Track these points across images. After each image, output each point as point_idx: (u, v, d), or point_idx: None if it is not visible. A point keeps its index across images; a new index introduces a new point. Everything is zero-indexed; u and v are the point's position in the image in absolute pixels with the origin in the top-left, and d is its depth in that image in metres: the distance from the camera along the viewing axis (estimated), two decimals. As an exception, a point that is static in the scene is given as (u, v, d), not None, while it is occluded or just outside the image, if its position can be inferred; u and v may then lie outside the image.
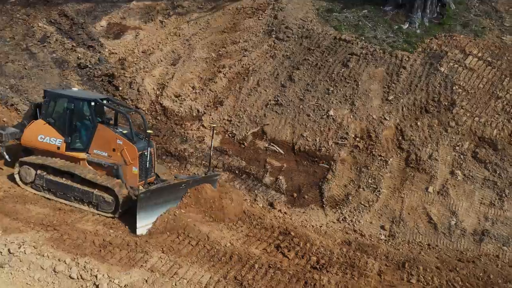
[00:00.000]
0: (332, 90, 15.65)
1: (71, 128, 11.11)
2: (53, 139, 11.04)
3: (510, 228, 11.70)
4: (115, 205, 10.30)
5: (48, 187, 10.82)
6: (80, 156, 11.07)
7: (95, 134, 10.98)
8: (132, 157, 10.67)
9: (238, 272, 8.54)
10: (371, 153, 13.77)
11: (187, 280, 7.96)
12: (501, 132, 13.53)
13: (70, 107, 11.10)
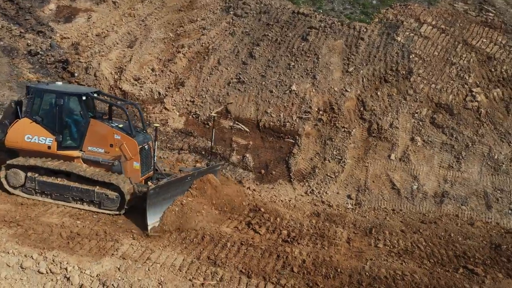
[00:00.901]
0: (293, 65, 15.69)
1: (61, 125, 10.39)
2: (43, 139, 10.29)
3: (467, 189, 12.32)
4: (120, 202, 9.83)
5: (42, 190, 10.17)
6: (74, 155, 10.43)
7: (88, 130, 10.37)
8: (133, 152, 10.14)
9: (211, 252, 8.61)
10: (335, 125, 14.02)
11: (160, 264, 7.96)
12: (456, 97, 14.06)
13: (59, 103, 10.32)
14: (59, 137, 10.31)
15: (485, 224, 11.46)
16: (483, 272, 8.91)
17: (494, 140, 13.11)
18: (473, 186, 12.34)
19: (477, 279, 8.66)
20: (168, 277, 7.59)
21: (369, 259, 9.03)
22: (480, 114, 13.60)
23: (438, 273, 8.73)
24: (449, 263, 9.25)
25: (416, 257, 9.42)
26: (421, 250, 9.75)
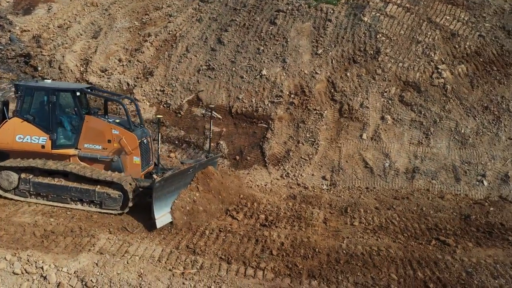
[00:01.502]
0: (263, 50, 15.64)
1: (55, 123, 9.98)
2: (36, 138, 9.88)
3: (437, 163, 12.69)
4: (123, 201, 9.50)
5: (37, 191, 9.76)
6: (70, 153, 10.05)
7: (83, 127, 10.01)
8: (133, 146, 9.86)
9: (190, 241, 8.61)
10: (307, 108, 14.12)
11: (139, 256, 7.91)
12: (423, 74, 14.36)
13: (52, 100, 9.90)
14: (53, 135, 9.94)
15: (455, 196, 11.88)
16: (454, 243, 9.26)
17: (461, 115, 13.51)
18: (442, 161, 12.72)
19: (449, 249, 9.00)
20: (148, 269, 7.56)
21: (346, 237, 9.24)
22: (446, 90, 13.95)
23: (412, 246, 9.02)
24: (422, 236, 9.57)
25: (390, 232, 9.69)
26: (395, 226, 10.04)
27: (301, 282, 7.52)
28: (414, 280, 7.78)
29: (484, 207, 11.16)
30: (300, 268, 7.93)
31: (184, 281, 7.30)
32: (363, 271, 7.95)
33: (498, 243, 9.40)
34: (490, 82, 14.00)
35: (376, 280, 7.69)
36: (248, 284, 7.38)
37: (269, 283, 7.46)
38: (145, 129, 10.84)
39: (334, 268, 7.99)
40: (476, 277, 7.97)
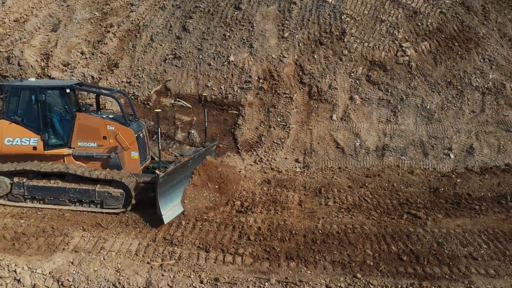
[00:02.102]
0: (229, 35, 15.49)
1: (46, 123, 9.65)
2: (26, 140, 9.57)
3: (405, 140, 13.01)
4: (126, 198, 9.30)
5: (32, 195, 9.47)
6: (64, 153, 9.77)
7: (75, 124, 9.71)
8: (130, 141, 9.62)
9: (166, 232, 8.57)
10: (276, 92, 14.13)
11: (115, 251, 7.82)
12: (388, 53, 14.59)
13: (40, 99, 9.55)
14: (44, 136, 9.63)
15: (423, 170, 12.24)
16: (425, 215, 9.58)
17: (426, 91, 13.84)
18: (410, 137, 13.05)
19: (420, 222, 9.31)
20: (125, 263, 7.49)
21: (321, 218, 9.40)
22: (411, 67, 14.24)
23: (385, 222, 9.28)
24: (394, 211, 9.84)
25: (364, 209, 9.92)
26: (368, 203, 10.28)
27: (279, 265, 7.63)
28: (389, 254, 8.02)
29: (451, 179, 11.56)
30: (278, 251, 8.04)
31: (163, 272, 7.28)
32: (339, 249, 8.13)
33: (465, 213, 9.78)
34: (452, 58, 14.37)
35: (352, 257, 7.88)
36: (227, 270, 7.43)
37: (248, 268, 7.53)
38: (140, 122, 10.60)
39: (311, 248, 8.13)
40: (447, 247, 8.28)
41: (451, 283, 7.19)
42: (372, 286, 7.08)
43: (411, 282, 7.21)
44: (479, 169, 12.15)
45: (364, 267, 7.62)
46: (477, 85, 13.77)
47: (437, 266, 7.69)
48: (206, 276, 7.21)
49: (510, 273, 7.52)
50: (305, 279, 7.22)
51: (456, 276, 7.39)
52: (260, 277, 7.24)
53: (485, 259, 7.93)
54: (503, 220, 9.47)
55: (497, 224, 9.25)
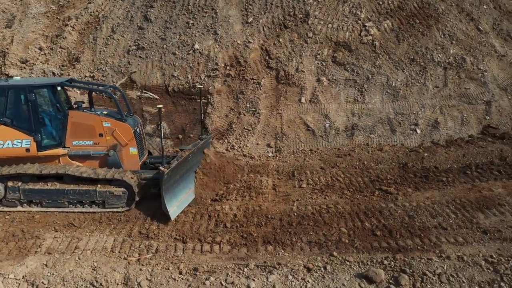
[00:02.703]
0: (192, 23, 15.25)
1: (38, 123, 9.18)
2: (18, 142, 9.09)
3: (373, 118, 13.25)
4: (129, 197, 9.07)
5: (29, 199, 9.09)
6: (59, 153, 9.35)
7: (68, 123, 9.28)
8: (128, 137, 9.34)
9: (142, 227, 8.48)
10: (244, 78, 14.08)
11: (90, 250, 7.69)
12: (352, 33, 14.73)
13: (30, 98, 9.03)
14: (37, 136, 9.15)
15: (392, 147, 12.53)
16: (396, 190, 9.85)
17: (390, 69, 14.09)
18: (378, 115, 13.30)
19: (391, 197, 9.56)
20: (102, 261, 7.38)
21: (296, 200, 9.51)
22: (375, 46, 14.44)
23: (358, 199, 9.48)
24: (366, 189, 10.06)
25: (337, 189, 10.10)
26: (340, 182, 10.46)
27: (257, 250, 7.70)
28: (363, 230, 8.22)
29: (419, 153, 11.89)
30: (255, 236, 8.10)
31: (141, 267, 7.22)
32: (315, 230, 8.26)
33: (434, 185, 10.11)
34: (414, 35, 14.65)
35: (328, 236, 8.03)
36: (206, 259, 7.44)
37: (226, 255, 7.56)
38: (135, 117, 10.29)
39: (288, 231, 8.24)
40: (418, 219, 8.56)
41: (423, 253, 7.45)
42: (348, 263, 7.25)
43: (385, 256, 7.42)
44: (445, 142, 12.55)
45: (340, 245, 7.79)
46: (439, 61, 14.12)
47: (409, 238, 7.94)
48: (184, 267, 7.20)
49: (477, 239, 7.85)
50: (283, 262, 7.32)
51: (428, 246, 7.66)
52: (238, 263, 7.29)
53: (454, 228, 8.25)
54: (469, 189, 9.84)
55: (463, 194, 9.61)
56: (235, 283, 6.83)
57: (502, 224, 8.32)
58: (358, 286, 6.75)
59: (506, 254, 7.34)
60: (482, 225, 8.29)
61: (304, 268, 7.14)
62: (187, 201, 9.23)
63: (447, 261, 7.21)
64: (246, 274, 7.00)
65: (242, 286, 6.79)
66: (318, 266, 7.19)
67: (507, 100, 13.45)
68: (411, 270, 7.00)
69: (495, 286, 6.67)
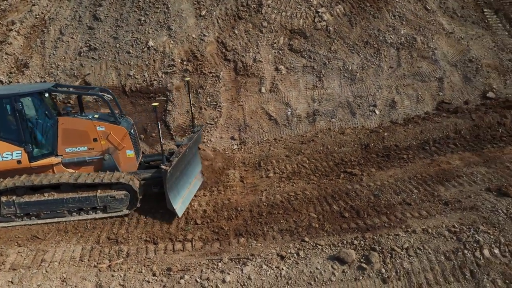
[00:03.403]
0: (145, 20, 14.89)
1: (27, 132, 8.73)
2: (8, 154, 8.66)
3: (333, 103, 13.46)
4: (131, 199, 8.81)
5: (25, 212, 8.67)
6: (53, 162, 8.93)
7: (58, 130, 8.86)
8: (123, 139, 9.05)
9: (110, 232, 8.30)
10: (202, 73, 13.93)
11: (58, 262, 7.45)
12: (306, 20, 14.84)
13: (17, 107, 8.53)
14: (28, 147, 8.73)
15: (353, 129, 12.79)
16: (360, 172, 10.09)
17: (346, 53, 14.33)
18: (337, 99, 13.52)
19: (356, 178, 9.80)
20: (71, 271, 7.18)
21: (264, 190, 9.57)
22: (329, 32, 14.62)
23: (325, 184, 9.66)
24: (331, 172, 10.25)
25: (303, 175, 10.23)
26: (306, 168, 10.60)
27: (230, 243, 7.71)
28: (331, 213, 8.39)
29: (379, 134, 12.21)
30: (227, 229, 8.10)
31: (113, 273, 7.08)
32: (285, 217, 8.36)
33: (395, 163, 10.43)
34: (366, 18, 14.94)
35: (298, 223, 8.15)
36: (179, 258, 7.38)
37: (199, 252, 7.53)
38: (127, 118, 9.93)
39: (258, 221, 8.29)
40: (383, 197, 8.82)
41: (390, 230, 7.70)
42: (320, 247, 7.39)
43: (354, 236, 7.62)
44: (403, 120, 12.94)
45: (311, 230, 7.92)
46: (391, 42, 14.49)
47: (376, 216, 8.18)
48: (158, 268, 7.12)
49: (440, 211, 8.18)
50: (256, 252, 7.37)
51: (394, 223, 7.92)
52: (212, 258, 7.28)
53: (417, 202, 8.56)
54: (428, 164, 10.23)
55: (424, 169, 9.98)
56: (210, 278, 6.82)
57: (461, 195, 8.72)
58: (331, 268, 6.90)
59: (467, 223, 7.70)
60: (443, 198, 8.64)
61: (277, 257, 7.22)
62: (190, 196, 9.20)
63: (413, 235, 7.48)
64: (220, 269, 7.01)
65: (218, 281, 6.79)
66: (291, 253, 7.29)
67: (457, 76, 14.00)
68: (380, 247, 7.22)
69: (459, 254, 6.99)
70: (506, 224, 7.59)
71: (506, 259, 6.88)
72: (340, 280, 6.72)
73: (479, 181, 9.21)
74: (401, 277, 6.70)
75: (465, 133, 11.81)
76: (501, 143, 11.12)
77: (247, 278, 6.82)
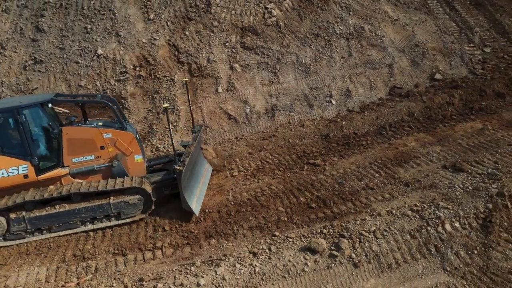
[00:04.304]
0: (91, 28, 14.45)
1: (32, 145, 8.36)
2: (13, 169, 8.28)
3: (290, 96, 13.62)
4: (145, 203, 8.64)
5: (36, 227, 8.30)
6: (61, 174, 8.62)
7: (63, 141, 8.58)
8: (131, 145, 8.92)
9: (75, 249, 8.01)
10: (156, 77, 13.69)
11: (22, 286, 7.12)
12: (256, 17, 14.91)
13: (21, 120, 8.14)
14: (34, 160, 8.38)
15: (312, 121, 13.00)
16: (322, 162, 10.27)
17: (298, 47, 14.52)
18: (294, 93, 13.69)
19: (320, 169, 9.96)
20: (37, 294, 6.88)
21: (230, 190, 9.54)
22: (280, 27, 14.76)
23: (289, 177, 9.75)
24: (295, 165, 10.37)
25: (268, 171, 10.29)
26: (270, 164, 10.67)
27: (201, 246, 7.64)
28: (299, 205, 8.49)
29: (338, 123, 12.47)
30: (196, 233, 8.03)
31: (82, 290, 6.85)
32: (254, 214, 8.38)
33: (356, 150, 10.69)
34: (314, 11, 15.20)
35: (267, 218, 8.19)
36: (150, 267, 7.24)
37: (170, 258, 7.42)
38: (131, 124, 9.74)
39: (227, 221, 8.27)
40: (346, 184, 9.02)
41: (357, 215, 7.89)
42: (290, 239, 7.46)
43: (323, 225, 7.75)
44: (359, 108, 13.28)
45: (280, 224, 7.99)
46: (341, 32, 14.82)
47: (342, 204, 8.36)
48: (129, 280, 6.95)
49: (401, 192, 8.47)
50: (228, 252, 7.35)
51: (360, 208, 8.12)
52: (184, 263, 7.19)
53: (380, 186, 8.82)
54: (387, 148, 10.56)
55: (383, 153, 10.30)
56: (184, 284, 6.73)
57: (420, 174, 9.07)
58: (303, 259, 6.99)
59: (428, 201, 8.02)
60: (403, 179, 8.96)
61: (250, 254, 7.23)
62: (202, 195, 9.19)
63: (379, 217, 7.71)
64: (194, 273, 6.93)
65: (192, 285, 6.71)
66: (263, 249, 7.32)
67: (406, 61, 14.53)
68: (349, 233, 7.39)
69: (423, 231, 7.27)
70: (463, 198, 7.97)
71: (466, 231, 7.23)
72: (313, 270, 6.82)
73: (435, 160, 9.62)
74: (371, 259, 6.89)
75: (418, 115, 12.29)
76: (451, 121, 11.66)
77: (222, 279, 6.78)
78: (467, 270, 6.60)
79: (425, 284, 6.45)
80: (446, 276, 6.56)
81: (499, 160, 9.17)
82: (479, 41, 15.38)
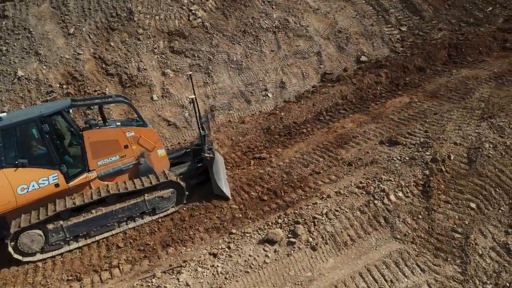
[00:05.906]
0: (7, 49, 13.57)
1: (60, 153, 8.17)
2: (44, 180, 7.99)
3: (227, 95, 13.67)
4: (178, 195, 8.80)
5: (75, 234, 8.14)
6: (90, 178, 8.46)
7: (85, 145, 8.36)
8: (154, 140, 8.96)
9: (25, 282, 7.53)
10: (86, 93, 13.15)
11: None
12: (181, 20, 14.76)
13: (45, 129, 7.83)
14: (63, 168, 8.16)
15: (252, 116, 13.15)
16: (268, 154, 10.43)
17: (227, 45, 14.58)
18: (230, 91, 13.75)
19: (266, 162, 10.14)
20: (-11, 339, 6.41)
21: (181, 196, 9.41)
22: (206, 28, 14.73)
23: (238, 174, 9.83)
24: (242, 162, 10.46)
25: (215, 171, 10.28)
26: (217, 164, 10.66)
27: (159, 256, 7.51)
28: (251, 200, 8.60)
29: (277, 115, 12.72)
30: (152, 244, 7.88)
31: (39, 325, 6.47)
32: (208, 216, 8.37)
33: (298, 139, 10.98)
34: (238, 9, 15.33)
35: (222, 218, 8.21)
36: (110, 287, 6.99)
37: (129, 274, 7.22)
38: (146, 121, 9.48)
39: (182, 227, 8.19)
40: (294, 173, 9.25)
41: (308, 200, 8.14)
42: (248, 235, 7.54)
43: (278, 215, 7.91)
44: (295, 98, 13.62)
45: (235, 221, 8.04)
46: (267, 27, 15.09)
47: (293, 192, 8.58)
48: (89, 305, 6.68)
49: (346, 172, 8.84)
50: (188, 258, 7.28)
51: (310, 193, 8.37)
52: (144, 277, 7.03)
53: (325, 169, 9.15)
54: (326, 132, 10.95)
55: (324, 138, 10.67)
56: (148, 297, 6.59)
57: (360, 152, 9.51)
58: (263, 251, 7.09)
59: (371, 176, 8.44)
60: (346, 159, 9.34)
61: (210, 256, 7.22)
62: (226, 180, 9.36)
63: (329, 199, 8.00)
64: (155, 284, 6.80)
65: (156, 297, 6.59)
66: (222, 248, 7.34)
67: (332, 47, 15.10)
68: (303, 219, 7.60)
69: (371, 205, 7.65)
70: (402, 168, 8.48)
71: (409, 199, 7.71)
72: (275, 260, 6.94)
73: (372, 137, 10.13)
74: (327, 240, 7.14)
75: (351, 97, 12.84)
76: (382, 99, 12.31)
77: (185, 285, 6.72)
78: (415, 235, 7.05)
79: (380, 255, 6.80)
80: (398, 243, 6.96)
81: (428, 129, 9.84)
82: (396, 21, 16.34)
